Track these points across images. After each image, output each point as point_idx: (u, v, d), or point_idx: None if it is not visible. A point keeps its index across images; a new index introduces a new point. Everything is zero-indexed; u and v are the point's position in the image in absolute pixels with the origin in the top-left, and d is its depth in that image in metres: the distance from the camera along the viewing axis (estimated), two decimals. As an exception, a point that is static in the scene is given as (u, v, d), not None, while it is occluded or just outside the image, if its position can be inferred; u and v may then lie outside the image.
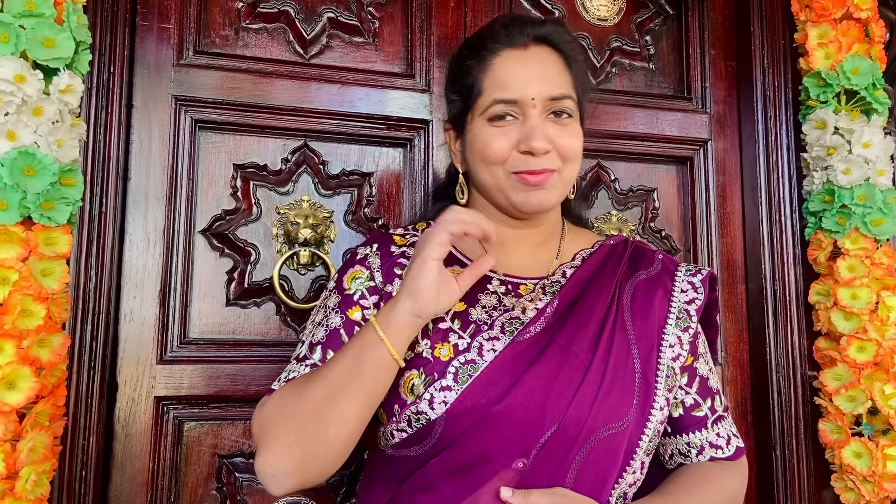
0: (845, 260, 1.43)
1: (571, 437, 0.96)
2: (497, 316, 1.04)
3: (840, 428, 1.41)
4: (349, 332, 1.03)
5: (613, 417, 0.98)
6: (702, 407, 1.11)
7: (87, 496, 1.19)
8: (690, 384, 1.11)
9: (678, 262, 1.18)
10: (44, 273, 1.07)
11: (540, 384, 0.97)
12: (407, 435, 0.99)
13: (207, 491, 1.31)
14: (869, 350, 1.39)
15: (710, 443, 1.11)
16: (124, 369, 1.27)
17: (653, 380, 1.03)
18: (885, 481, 1.37)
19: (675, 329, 1.09)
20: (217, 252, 1.37)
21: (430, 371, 0.98)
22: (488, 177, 1.08)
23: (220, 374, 1.32)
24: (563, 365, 0.98)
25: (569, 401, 0.96)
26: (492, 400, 0.96)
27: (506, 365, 0.98)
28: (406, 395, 0.98)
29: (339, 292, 1.07)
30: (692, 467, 1.11)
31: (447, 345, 1.00)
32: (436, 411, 0.96)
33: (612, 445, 0.98)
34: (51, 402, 1.07)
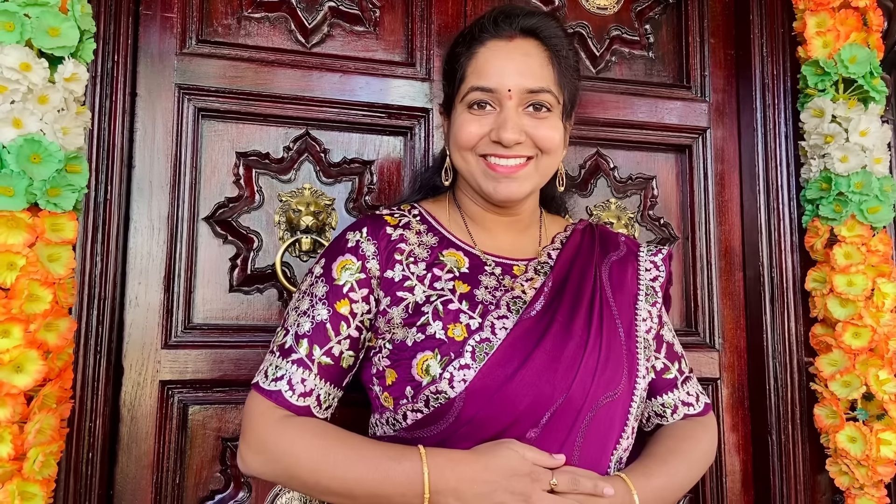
0: (841, 247, 1.44)
1: (577, 406, 1.02)
2: (500, 296, 1.08)
3: (835, 413, 1.43)
4: (335, 328, 1.04)
5: (610, 386, 1.05)
6: (671, 370, 1.20)
7: (93, 477, 1.21)
8: (659, 350, 1.20)
9: (639, 244, 1.26)
10: (50, 258, 1.09)
11: (549, 359, 1.02)
12: (423, 416, 1.01)
13: (212, 473, 1.34)
14: (864, 336, 1.40)
15: (682, 401, 1.20)
16: (130, 354, 1.29)
17: (634, 351, 1.11)
18: (878, 465, 1.39)
19: (646, 304, 1.17)
20: (220, 239, 1.38)
21: (445, 351, 1.00)
22: (461, 161, 1.11)
23: (223, 358, 1.34)
24: (567, 341, 1.04)
25: (574, 373, 1.02)
26: (508, 375, 0.99)
27: (517, 341, 1.02)
28: (421, 376, 1.00)
29: (328, 281, 1.07)
30: (670, 428, 1.19)
31: (460, 325, 1.03)
32: (455, 389, 0.99)
33: (610, 413, 1.06)
34: (58, 385, 1.09)
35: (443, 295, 1.06)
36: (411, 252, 1.10)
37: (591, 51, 1.63)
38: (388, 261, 1.08)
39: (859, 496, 1.43)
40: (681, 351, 1.24)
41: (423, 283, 1.07)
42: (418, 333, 1.02)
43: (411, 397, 1.01)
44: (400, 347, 1.03)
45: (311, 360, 1.04)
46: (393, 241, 1.10)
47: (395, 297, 1.06)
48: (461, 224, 1.18)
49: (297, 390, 1.03)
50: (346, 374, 1.08)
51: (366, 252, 1.08)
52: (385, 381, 1.05)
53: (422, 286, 1.06)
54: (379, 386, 1.06)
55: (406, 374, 1.01)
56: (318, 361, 1.04)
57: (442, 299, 1.05)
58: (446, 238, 1.14)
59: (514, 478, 0.96)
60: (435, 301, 1.05)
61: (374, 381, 1.08)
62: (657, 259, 1.23)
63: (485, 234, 1.17)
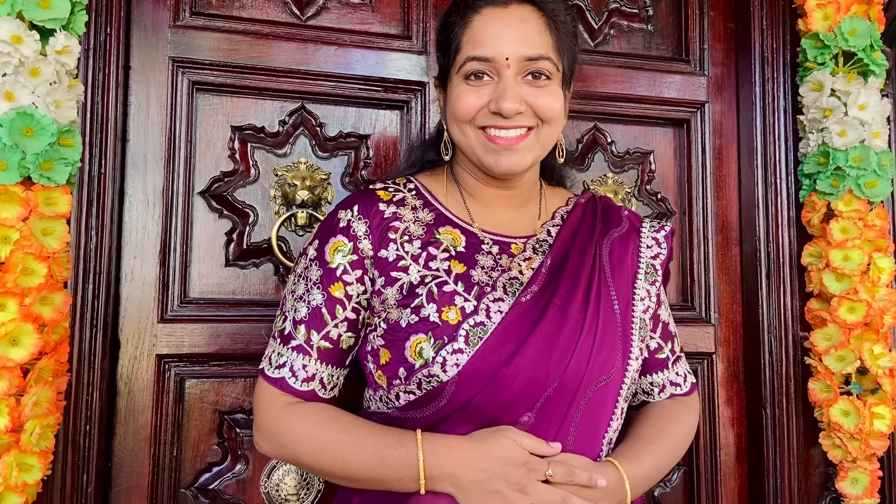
0: (838, 222, 1.44)
1: (572, 390, 1.02)
2: (497, 276, 1.07)
3: (829, 387, 1.44)
4: (331, 312, 1.05)
5: (605, 370, 1.05)
6: (664, 349, 1.20)
7: (91, 449, 1.22)
8: (654, 329, 1.19)
9: (641, 218, 1.24)
10: (44, 232, 1.09)
11: (544, 344, 1.01)
12: (415, 397, 1.02)
13: (209, 446, 1.35)
14: (859, 311, 1.40)
15: (670, 381, 1.21)
16: (126, 328, 1.29)
17: (629, 332, 1.11)
18: (871, 439, 1.40)
19: (645, 283, 1.16)
20: (216, 214, 1.38)
21: (439, 335, 1.00)
22: (460, 135, 1.09)
23: (220, 332, 1.34)
24: (563, 324, 1.03)
25: (569, 357, 1.01)
26: (502, 360, 0.99)
27: (512, 326, 1.02)
28: (414, 358, 1.00)
29: (321, 265, 1.06)
30: (657, 408, 1.20)
31: (454, 308, 1.02)
32: (448, 374, 0.99)
33: (603, 396, 1.06)
34: (54, 359, 1.09)
35: (437, 276, 1.05)
36: (406, 230, 1.08)
37: (589, 24, 1.62)
38: (381, 240, 1.07)
39: (852, 469, 1.44)
40: (675, 330, 1.23)
41: (417, 262, 1.06)
42: (412, 315, 1.02)
43: (404, 378, 1.02)
44: (394, 328, 1.03)
45: (309, 346, 1.05)
46: (386, 220, 1.08)
47: (388, 277, 1.05)
48: (459, 199, 1.16)
49: (300, 376, 1.04)
50: (348, 354, 1.09)
51: (357, 232, 1.07)
52: (379, 360, 1.05)
53: (416, 266, 1.05)
54: (373, 363, 1.07)
55: (399, 355, 1.02)
56: (316, 346, 1.05)
57: (437, 280, 1.04)
58: (443, 214, 1.13)
59: (510, 467, 0.97)
60: (430, 282, 1.04)
61: (368, 358, 1.08)
62: (659, 236, 1.21)
63: (483, 209, 1.15)
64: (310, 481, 1.37)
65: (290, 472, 1.37)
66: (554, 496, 0.97)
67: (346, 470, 1.02)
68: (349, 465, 1.01)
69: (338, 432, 1.03)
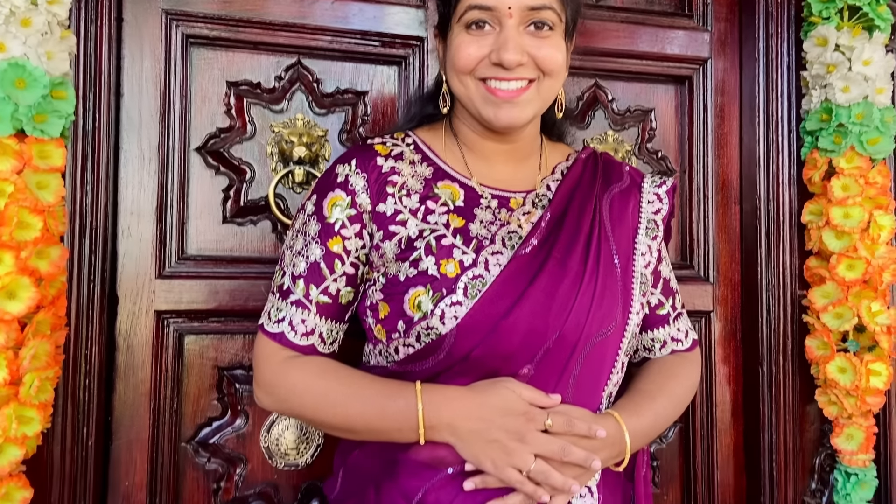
0: (839, 179, 1.43)
1: (571, 343, 1.02)
2: (496, 230, 1.07)
3: (826, 344, 1.44)
4: (330, 267, 1.05)
5: (605, 323, 1.05)
6: (665, 305, 1.20)
7: (91, 403, 1.23)
8: (655, 285, 1.19)
9: (643, 174, 1.23)
10: (39, 186, 1.08)
11: (544, 296, 1.01)
12: (414, 350, 1.02)
13: (209, 401, 1.36)
14: (858, 268, 1.40)
15: (671, 337, 1.21)
16: (124, 283, 1.29)
17: (630, 287, 1.10)
18: (867, 395, 1.40)
19: (646, 238, 1.16)
20: (212, 170, 1.37)
21: (437, 287, 1.00)
22: (459, 86, 1.08)
23: (218, 289, 1.34)
24: (562, 278, 1.03)
25: (569, 310, 1.01)
26: (501, 313, 0.99)
27: (511, 278, 1.01)
28: (412, 311, 1.00)
29: (319, 220, 1.06)
30: (658, 363, 1.20)
31: (452, 261, 1.02)
32: (447, 326, 0.99)
33: (603, 349, 1.06)
34: (51, 312, 1.10)
35: (436, 229, 1.04)
36: (404, 184, 1.08)
37: (590, -23, 1.59)
38: (379, 194, 1.06)
39: (847, 425, 1.45)
40: (676, 287, 1.23)
41: (415, 216, 1.05)
42: (410, 268, 1.02)
43: (403, 332, 1.02)
44: (392, 282, 1.03)
45: (308, 301, 1.05)
46: (384, 174, 1.08)
47: (387, 232, 1.05)
48: (457, 153, 1.15)
49: (299, 331, 1.05)
50: (347, 309, 1.09)
51: (355, 186, 1.06)
52: (378, 314, 1.05)
53: (415, 220, 1.05)
54: (372, 318, 1.07)
55: (398, 308, 1.02)
56: (315, 301, 1.05)
57: (435, 234, 1.04)
58: (441, 169, 1.12)
59: (510, 417, 0.98)
60: (428, 236, 1.03)
61: (367, 313, 1.08)
62: (661, 191, 1.20)
63: (482, 163, 1.15)
64: (309, 436, 1.38)
65: (290, 427, 1.38)
66: (553, 446, 0.98)
67: (347, 421, 1.03)
68: (349, 417, 1.02)
69: (337, 385, 1.04)
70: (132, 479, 1.28)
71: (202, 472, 1.35)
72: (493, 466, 0.98)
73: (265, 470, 1.38)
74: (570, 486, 0.99)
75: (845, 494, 1.46)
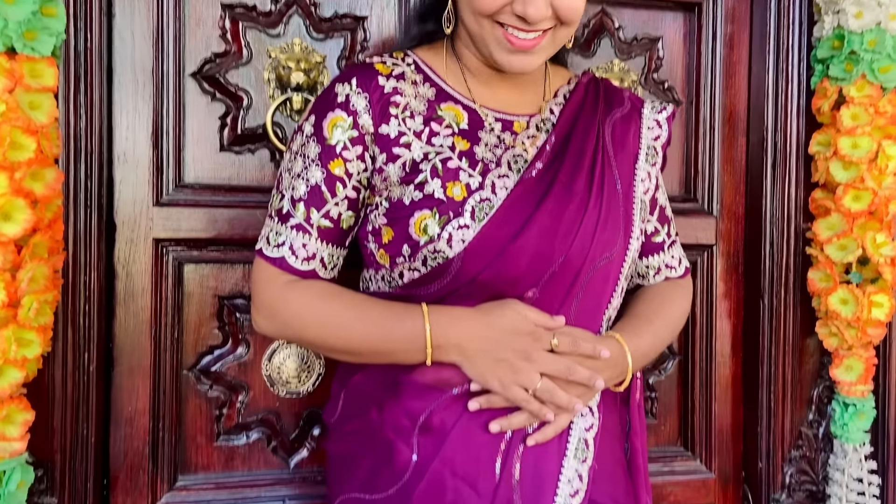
0: (849, 108, 1.40)
1: (576, 267, 1.02)
2: (501, 154, 1.06)
3: (829, 276, 1.43)
4: (331, 190, 1.03)
5: (608, 248, 1.05)
6: (660, 233, 1.21)
7: (91, 329, 1.23)
8: (652, 212, 1.19)
9: (643, 100, 1.21)
10: (31, 106, 1.06)
11: (550, 220, 1.00)
12: (420, 275, 1.02)
13: (210, 330, 1.36)
14: (864, 199, 1.38)
15: (665, 264, 1.23)
16: (121, 210, 1.28)
17: (631, 212, 1.10)
18: (868, 327, 1.40)
19: (646, 165, 1.16)
20: (208, 96, 1.34)
21: (444, 211, 0.99)
22: (474, 25, 1.04)
23: (217, 218, 1.33)
24: (568, 202, 1.02)
25: (574, 234, 1.01)
26: (508, 236, 0.99)
27: (518, 202, 1.01)
28: (419, 235, 0.99)
29: (319, 141, 1.03)
30: (653, 290, 1.22)
31: (459, 184, 1.00)
32: (454, 249, 0.98)
33: (605, 273, 1.07)
34: (48, 236, 1.09)
35: (441, 152, 1.03)
36: (407, 105, 1.05)
37: None
38: (381, 115, 1.04)
39: (847, 357, 1.45)
40: (671, 215, 1.24)
41: (419, 138, 1.03)
42: (416, 192, 1.00)
43: (409, 256, 1.01)
44: (397, 206, 1.02)
45: (309, 225, 1.03)
46: (386, 94, 1.05)
47: (390, 154, 1.03)
48: (459, 76, 1.13)
49: (300, 255, 1.03)
50: (348, 234, 1.08)
51: (357, 107, 1.03)
52: (381, 239, 1.04)
53: (419, 142, 1.03)
54: (375, 243, 1.06)
55: (403, 232, 1.00)
56: (317, 225, 1.03)
57: (441, 156, 1.02)
58: (444, 90, 1.10)
59: (517, 336, 0.98)
60: (433, 158, 1.02)
61: (369, 238, 1.07)
62: (661, 117, 1.19)
63: (485, 87, 1.12)
64: (310, 364, 1.39)
65: (291, 356, 1.38)
66: (559, 365, 0.99)
67: (351, 344, 1.03)
68: (353, 340, 1.02)
69: (341, 307, 1.03)
70: (135, 404, 1.29)
71: (204, 399, 1.36)
72: (500, 385, 0.99)
73: (267, 398, 1.39)
74: (574, 404, 1.01)
75: (843, 424, 1.47)
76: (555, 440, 1.04)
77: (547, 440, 1.03)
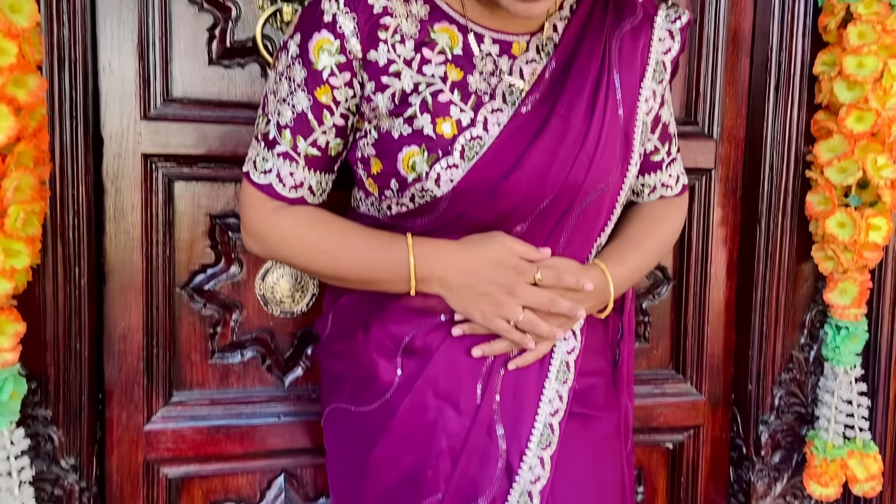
0: (856, 26, 1.36)
1: (567, 201, 1.00)
2: (496, 83, 1.01)
3: (828, 199, 1.42)
4: (318, 118, 1.00)
5: (603, 179, 1.02)
6: (660, 151, 1.18)
7: (81, 243, 1.22)
8: (654, 130, 1.14)
9: (656, 5, 1.13)
10: (12, 9, 1.02)
11: (544, 156, 0.97)
12: (408, 209, 1.00)
13: (202, 248, 1.35)
14: (867, 120, 1.35)
15: (661, 183, 1.20)
16: (108, 124, 1.25)
17: (631, 136, 1.06)
18: (865, 250, 1.39)
19: (652, 83, 1.10)
20: (195, 7, 1.29)
21: (433, 149, 0.96)
22: None
23: (207, 134, 1.30)
24: (564, 135, 0.99)
25: (569, 170, 0.98)
26: (499, 175, 0.96)
27: (510, 138, 0.97)
28: (406, 172, 0.97)
29: (305, 64, 0.98)
30: (645, 208, 1.21)
31: (449, 120, 0.97)
32: (442, 189, 0.96)
33: (599, 204, 1.05)
34: (33, 144, 1.06)
35: (432, 83, 0.98)
36: (397, 28, 0.99)
37: None
38: (370, 39, 0.98)
39: (842, 280, 1.45)
40: (674, 131, 1.20)
41: (410, 67, 0.99)
42: (405, 125, 0.97)
43: (396, 191, 0.99)
44: (385, 139, 0.99)
45: (296, 153, 1.01)
46: (376, 15, 0.98)
47: (379, 83, 0.99)
48: None
49: (288, 183, 1.02)
50: (336, 160, 1.06)
51: (344, 29, 0.97)
52: (370, 169, 1.02)
53: (409, 71, 0.98)
54: (364, 171, 1.04)
55: (392, 167, 0.98)
56: (304, 154, 1.01)
57: (431, 88, 0.98)
58: (438, 7, 1.02)
59: (500, 270, 0.98)
60: (423, 91, 0.98)
61: (359, 165, 1.05)
62: (674, 27, 1.12)
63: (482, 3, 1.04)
64: (304, 285, 1.38)
65: (285, 276, 1.38)
66: (542, 298, 1.00)
67: (337, 272, 1.04)
68: (339, 268, 1.03)
69: (328, 235, 1.03)
70: (128, 321, 1.29)
71: (198, 318, 1.36)
72: (482, 317, 1.00)
73: (261, 317, 1.39)
74: (555, 333, 1.02)
75: (834, 347, 1.48)
76: (536, 364, 1.05)
77: (528, 364, 1.05)
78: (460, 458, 1.02)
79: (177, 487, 1.36)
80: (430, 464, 1.03)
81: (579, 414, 1.08)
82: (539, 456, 1.02)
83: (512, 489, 1.01)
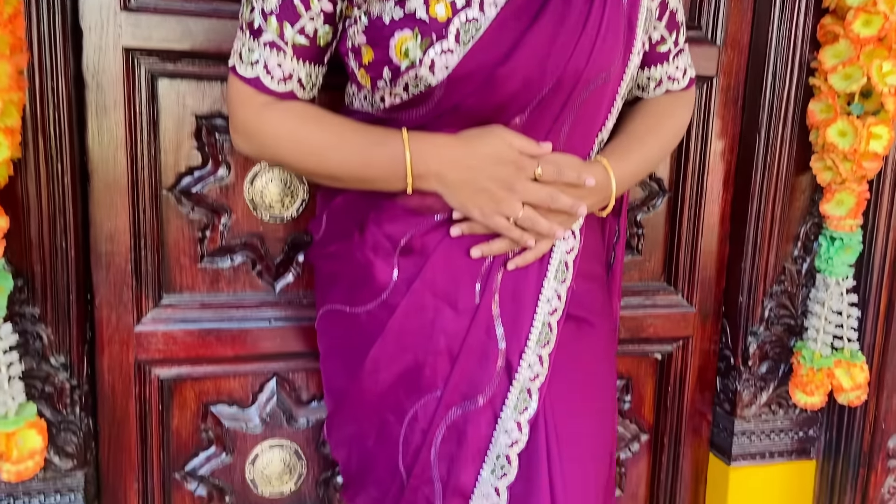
0: (869, -76, 1.30)
1: (567, 90, 0.96)
2: None
3: (830, 107, 1.39)
4: (305, 2, 0.94)
5: (604, 67, 0.97)
6: (667, 41, 1.13)
7: (62, 138, 1.18)
8: (661, 17, 1.10)
9: None
10: None
11: (544, 40, 0.92)
12: (402, 100, 0.97)
13: (189, 150, 1.31)
14: (875, 24, 1.31)
15: (668, 76, 1.17)
16: (87, 15, 1.19)
17: (635, 23, 1.02)
18: (864, 160, 1.37)
19: None
20: None
21: (427, 32, 0.91)
22: None
23: (192, 28, 1.24)
24: (564, 18, 0.93)
25: (569, 56, 0.93)
26: (496, 60, 0.91)
27: (508, 20, 0.92)
28: (399, 58, 0.92)
29: None
30: (650, 104, 1.17)
31: (443, 1, 0.91)
32: (437, 76, 0.92)
33: (600, 95, 1.01)
34: (8, 30, 1.01)
35: None
36: None
37: None
38: None
39: (839, 191, 1.44)
40: (682, 19, 1.15)
41: None
42: (396, 9, 0.92)
43: (389, 80, 0.95)
44: (376, 24, 0.94)
45: (283, 42, 0.96)
46: None
47: None
48: None
49: (276, 75, 0.97)
50: (326, 51, 1.01)
51: None
52: (361, 59, 0.97)
53: None
54: (355, 62, 0.99)
55: (384, 55, 0.93)
56: (291, 43, 0.96)
57: None
58: None
59: (499, 165, 0.95)
60: None
61: (350, 56, 1.00)
62: None
63: None
64: (294, 189, 1.36)
65: (274, 180, 1.35)
66: (542, 194, 0.97)
67: (329, 169, 1.00)
68: (332, 165, 0.99)
69: (320, 131, 0.99)
70: (114, 221, 1.26)
71: (186, 221, 1.33)
72: (481, 214, 0.97)
73: (250, 222, 1.37)
74: (555, 231, 1.00)
75: (828, 258, 1.47)
76: (535, 263, 1.04)
77: (527, 264, 1.03)
78: (459, 357, 1.01)
79: (169, 388, 1.37)
80: (427, 362, 1.03)
81: (576, 317, 1.07)
82: (538, 354, 1.02)
83: (511, 387, 1.02)
